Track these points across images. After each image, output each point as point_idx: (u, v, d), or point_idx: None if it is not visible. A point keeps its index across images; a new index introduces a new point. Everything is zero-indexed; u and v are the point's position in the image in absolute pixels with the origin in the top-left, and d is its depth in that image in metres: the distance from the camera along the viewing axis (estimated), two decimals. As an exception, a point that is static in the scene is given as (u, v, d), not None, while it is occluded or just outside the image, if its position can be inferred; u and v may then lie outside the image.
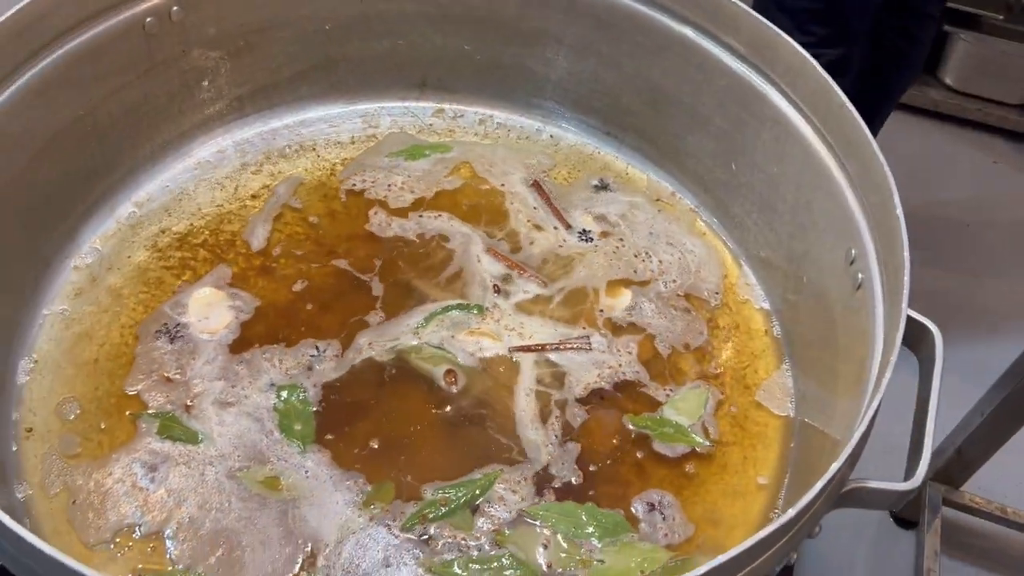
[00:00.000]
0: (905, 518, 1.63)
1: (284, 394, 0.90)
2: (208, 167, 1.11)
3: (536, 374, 0.95)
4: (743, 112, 1.02)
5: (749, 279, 1.07)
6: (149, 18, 0.99)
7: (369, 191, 1.10)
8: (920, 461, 0.72)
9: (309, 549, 0.80)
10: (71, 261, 1.00)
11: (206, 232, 1.04)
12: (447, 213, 1.08)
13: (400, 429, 0.90)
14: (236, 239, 1.04)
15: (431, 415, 0.91)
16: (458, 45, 1.17)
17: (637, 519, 0.86)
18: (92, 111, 0.99)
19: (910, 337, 0.78)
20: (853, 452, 0.68)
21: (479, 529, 0.83)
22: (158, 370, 0.91)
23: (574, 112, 1.20)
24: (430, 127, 1.20)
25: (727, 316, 1.04)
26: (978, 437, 1.45)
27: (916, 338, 0.80)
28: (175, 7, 1.01)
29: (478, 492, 0.85)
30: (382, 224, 1.07)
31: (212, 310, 0.97)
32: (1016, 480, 1.66)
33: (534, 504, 0.85)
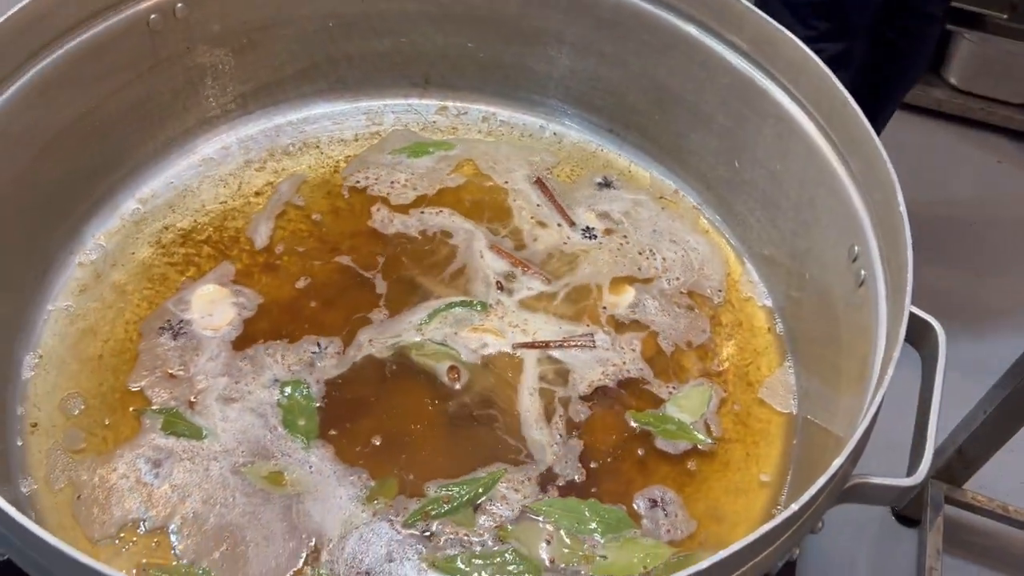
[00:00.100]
0: (907, 516, 1.64)
1: (288, 390, 0.90)
2: (212, 164, 1.12)
3: (539, 371, 0.95)
4: (746, 109, 1.02)
5: (752, 276, 1.08)
6: (153, 15, 0.99)
7: (372, 188, 1.10)
8: (923, 457, 0.72)
9: (313, 544, 0.81)
10: (75, 257, 1.00)
11: (210, 229, 1.04)
12: (448, 209, 1.09)
13: (403, 425, 0.90)
14: (240, 236, 1.04)
15: (434, 412, 0.91)
16: (460, 43, 1.17)
17: (639, 515, 0.86)
18: (96, 108, 0.99)
19: (913, 334, 0.78)
20: (856, 448, 0.68)
21: (482, 526, 0.83)
22: (161, 366, 0.92)
23: (577, 110, 1.20)
24: (433, 124, 1.20)
25: (730, 313, 1.04)
26: (980, 435, 1.45)
27: (919, 335, 0.80)
28: (179, 4, 1.01)
29: (481, 490, 0.85)
30: (384, 221, 1.07)
31: (215, 307, 0.97)
32: (1018, 478, 1.66)
33: (537, 500, 0.85)
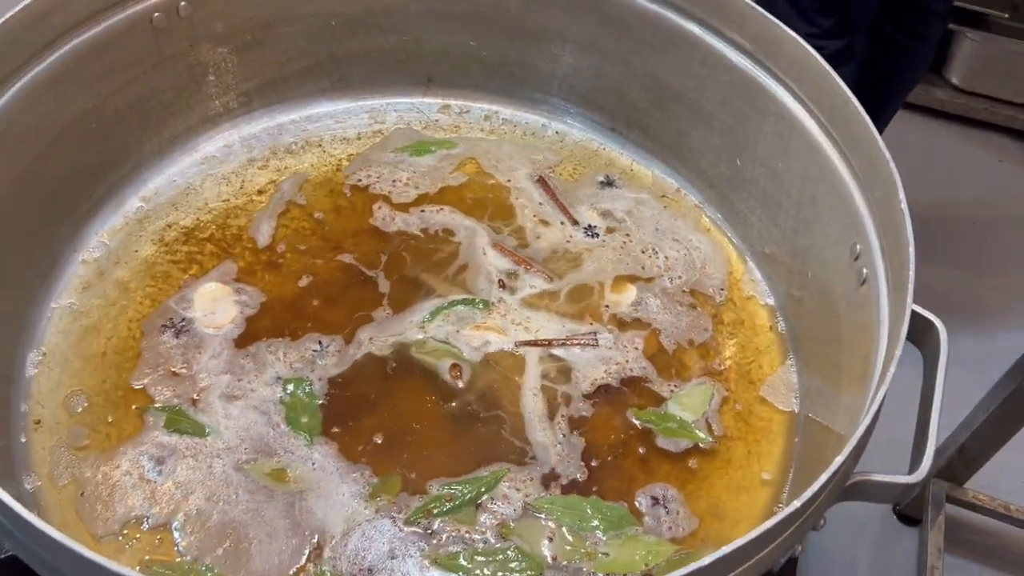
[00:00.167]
0: (908, 515, 1.64)
1: (290, 387, 0.90)
2: (215, 162, 1.12)
3: (541, 369, 0.95)
4: (747, 107, 1.02)
5: (754, 275, 1.08)
6: (157, 13, 1.00)
7: (373, 186, 1.10)
8: (924, 455, 0.72)
9: (316, 541, 0.81)
10: (79, 255, 1.00)
11: (213, 227, 1.05)
12: (449, 207, 1.09)
13: (406, 423, 0.90)
14: (243, 234, 1.04)
15: (436, 410, 0.91)
16: (463, 42, 1.18)
17: (641, 513, 0.86)
18: (99, 106, 0.99)
19: (914, 332, 0.78)
20: (858, 445, 0.68)
21: (484, 523, 0.83)
22: (164, 364, 0.92)
23: (579, 108, 1.20)
24: (436, 123, 1.20)
25: (732, 312, 1.04)
26: (981, 434, 1.45)
27: (920, 333, 0.80)
28: (183, 2, 1.01)
29: (483, 489, 0.85)
30: (386, 219, 1.07)
31: (218, 305, 0.97)
32: (1019, 477, 1.66)
33: (539, 498, 0.85)
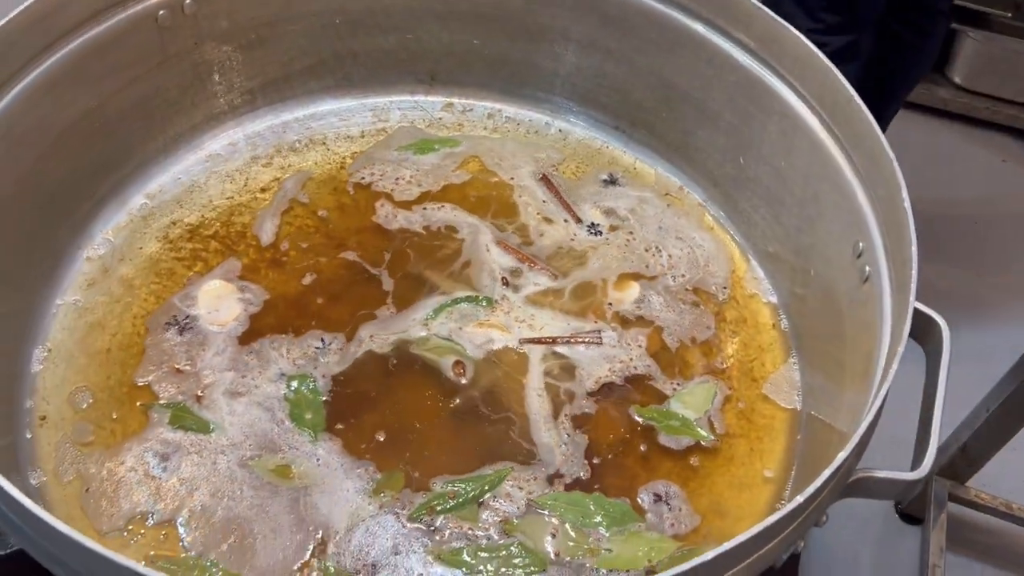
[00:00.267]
0: (910, 514, 1.64)
1: (294, 384, 0.91)
2: (219, 160, 1.12)
3: (545, 367, 0.95)
4: (751, 106, 1.02)
5: (757, 273, 1.08)
6: (162, 11, 1.00)
7: (376, 184, 1.10)
8: (927, 451, 0.72)
9: (320, 536, 0.81)
10: (84, 252, 1.01)
11: (217, 224, 1.05)
12: (451, 204, 1.09)
13: (409, 420, 0.90)
14: (247, 231, 1.04)
15: (440, 407, 0.91)
16: (466, 40, 1.18)
17: (643, 510, 0.86)
18: (103, 104, 0.99)
19: (917, 329, 0.79)
20: (860, 441, 0.68)
21: (486, 520, 0.83)
22: (168, 361, 0.92)
23: (583, 106, 1.20)
24: (439, 121, 1.20)
25: (735, 310, 1.04)
26: (984, 432, 1.45)
27: (923, 331, 0.80)
28: (188, 0, 1.01)
29: (487, 488, 0.85)
30: (388, 216, 1.07)
31: (221, 302, 0.97)
32: (1021, 476, 1.65)
33: (542, 494, 0.85)
